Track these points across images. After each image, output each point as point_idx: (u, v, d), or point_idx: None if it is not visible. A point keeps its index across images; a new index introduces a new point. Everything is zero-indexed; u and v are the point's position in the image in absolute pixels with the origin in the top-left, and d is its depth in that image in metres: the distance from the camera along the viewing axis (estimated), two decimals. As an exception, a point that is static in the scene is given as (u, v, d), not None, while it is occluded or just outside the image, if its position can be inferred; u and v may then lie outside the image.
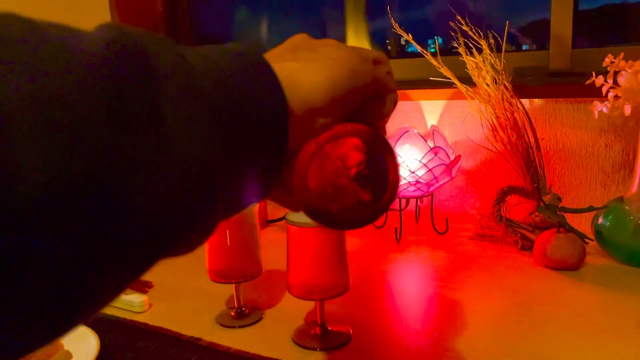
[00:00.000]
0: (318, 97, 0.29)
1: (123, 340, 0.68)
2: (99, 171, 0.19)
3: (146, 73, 0.21)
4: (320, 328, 0.67)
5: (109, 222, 0.20)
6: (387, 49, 1.51)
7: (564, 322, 0.69)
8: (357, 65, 0.32)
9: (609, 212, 0.85)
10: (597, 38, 1.18)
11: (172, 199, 0.22)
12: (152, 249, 0.23)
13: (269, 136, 0.27)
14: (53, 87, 0.19)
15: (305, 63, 0.30)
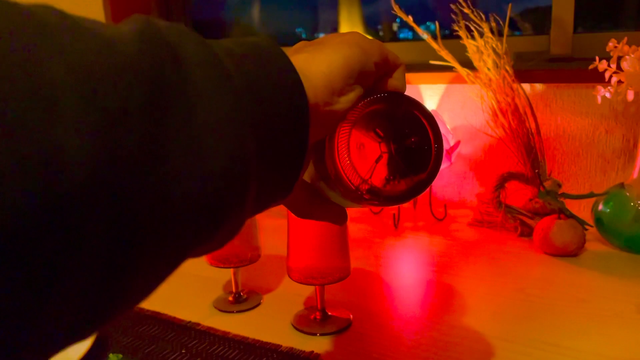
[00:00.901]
0: (335, 75, 0.30)
1: (120, 325, 0.67)
2: (139, 156, 0.19)
3: (176, 62, 0.22)
4: (320, 313, 0.66)
5: (146, 207, 0.20)
6: (379, 35, 1.49)
7: (564, 308, 0.69)
8: (363, 43, 0.33)
9: (610, 198, 0.85)
10: (597, 23, 1.17)
11: (204, 186, 0.22)
12: (185, 240, 0.23)
13: (291, 125, 0.27)
14: (95, 72, 0.19)
15: (314, 53, 0.31)
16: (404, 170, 0.34)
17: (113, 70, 0.19)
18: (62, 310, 0.19)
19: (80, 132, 0.18)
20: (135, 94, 0.20)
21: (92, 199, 0.18)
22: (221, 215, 0.24)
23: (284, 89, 0.27)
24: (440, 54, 1.00)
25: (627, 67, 0.79)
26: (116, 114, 0.19)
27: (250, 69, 0.26)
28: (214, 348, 0.61)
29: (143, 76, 0.20)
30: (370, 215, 1.08)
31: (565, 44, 1.09)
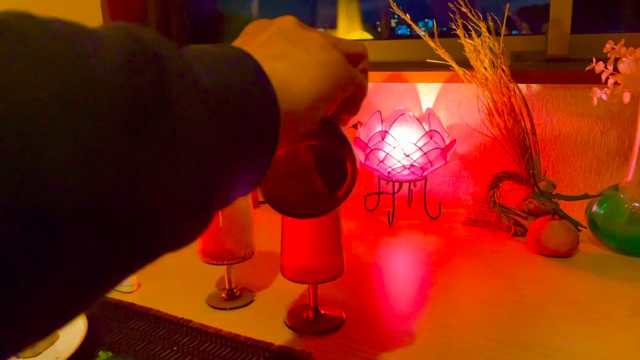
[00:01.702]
0: (301, 108, 0.30)
1: (111, 321, 0.67)
2: (121, 179, 0.20)
3: (159, 82, 0.22)
4: (313, 312, 0.66)
5: (127, 225, 0.21)
6: (377, 30, 1.49)
7: (557, 309, 0.69)
8: (341, 73, 0.33)
9: (604, 200, 0.85)
10: (595, 24, 1.17)
11: (182, 199, 0.23)
12: (159, 246, 0.25)
13: (263, 139, 0.28)
14: (76, 94, 0.19)
15: (294, 66, 0.31)
16: (320, 194, 0.41)
17: (94, 93, 0.19)
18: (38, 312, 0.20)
19: (63, 156, 0.18)
20: (115, 115, 0.20)
21: (74, 220, 0.19)
22: (193, 220, 0.25)
23: (259, 105, 0.27)
24: (438, 53, 0.99)
25: (624, 69, 0.79)
26: (97, 138, 0.19)
27: (227, 83, 0.26)
28: (206, 346, 0.61)
29: (123, 96, 0.20)
30: (364, 213, 1.08)
31: (563, 44, 1.08)
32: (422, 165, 0.97)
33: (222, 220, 0.68)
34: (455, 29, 0.97)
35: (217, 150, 0.25)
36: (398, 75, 1.13)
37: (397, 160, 0.96)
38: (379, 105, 1.17)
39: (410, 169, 0.97)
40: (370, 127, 1.02)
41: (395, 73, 1.14)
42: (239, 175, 0.28)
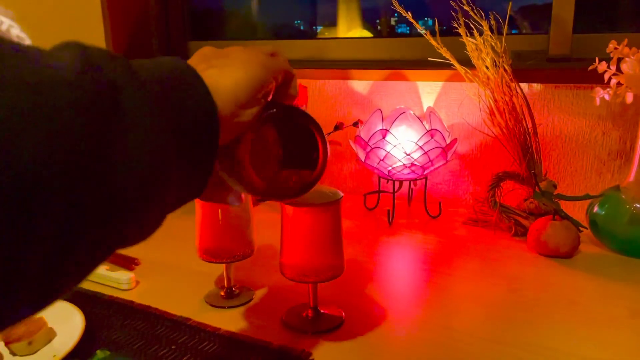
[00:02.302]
0: (241, 92, 0.35)
1: (109, 319, 0.66)
2: (85, 160, 0.24)
3: (111, 91, 0.27)
4: (312, 311, 0.66)
5: (91, 199, 0.25)
6: (378, 29, 1.48)
7: (557, 310, 0.68)
8: (264, 60, 0.38)
9: (605, 200, 0.85)
10: (598, 23, 1.17)
11: (134, 179, 0.27)
12: (121, 221, 0.28)
13: (204, 135, 0.33)
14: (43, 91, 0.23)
15: (222, 68, 0.36)
16: (296, 172, 0.41)
17: (61, 100, 0.24)
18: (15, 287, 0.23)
19: (38, 149, 0.22)
20: (77, 120, 0.24)
21: (47, 190, 0.22)
22: (149, 200, 0.29)
23: (199, 108, 0.32)
24: (440, 51, 0.99)
25: (626, 69, 0.79)
26: (65, 136, 0.23)
27: (172, 92, 0.31)
28: (204, 344, 0.60)
29: (84, 105, 0.25)
30: (364, 211, 1.08)
31: (565, 43, 1.08)
32: (423, 164, 0.97)
33: (221, 217, 0.67)
34: (457, 28, 0.97)
35: (165, 143, 0.29)
36: (399, 74, 1.13)
37: (397, 159, 0.96)
38: (380, 103, 1.16)
39: (410, 167, 0.97)
40: (371, 126, 1.01)
41: (396, 71, 1.13)
42: (187, 167, 0.32)
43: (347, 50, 1.32)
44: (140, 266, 0.84)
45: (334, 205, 0.60)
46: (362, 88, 1.18)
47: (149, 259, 0.85)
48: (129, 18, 1.45)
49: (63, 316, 0.63)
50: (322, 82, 1.22)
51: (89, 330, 0.62)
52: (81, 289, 0.75)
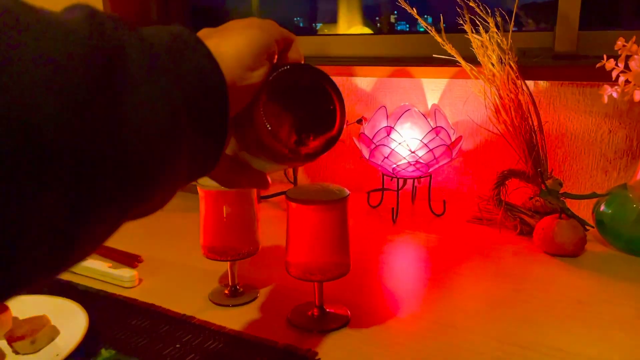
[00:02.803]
0: (244, 55, 0.35)
1: (112, 317, 0.66)
2: (97, 118, 0.24)
3: (122, 54, 0.27)
4: (318, 309, 0.65)
5: (103, 160, 0.25)
6: (377, 26, 1.48)
7: (564, 310, 0.68)
8: (262, 24, 0.38)
9: (612, 199, 0.84)
10: (604, 20, 1.16)
11: (148, 143, 0.27)
12: (133, 186, 0.27)
13: (213, 98, 0.32)
14: (59, 64, 0.23)
15: (222, 38, 0.36)
16: (316, 129, 0.40)
17: (73, 61, 0.24)
18: (33, 246, 0.23)
19: (50, 104, 0.22)
20: (87, 79, 0.24)
21: (60, 149, 0.22)
22: (161, 167, 0.29)
23: (204, 71, 0.31)
24: (445, 48, 0.98)
25: (635, 66, 0.78)
26: (78, 93, 0.23)
27: (177, 56, 0.30)
28: (209, 343, 0.60)
29: (93, 65, 0.25)
30: (367, 209, 1.07)
31: (570, 41, 1.07)
32: (428, 162, 0.96)
33: (226, 215, 0.67)
34: (462, 24, 0.96)
35: (176, 110, 0.29)
36: (403, 71, 1.12)
37: (402, 157, 0.95)
38: (384, 100, 1.15)
39: (415, 165, 0.96)
40: (375, 123, 1.00)
41: (400, 68, 1.12)
42: (198, 135, 0.32)
43: (350, 46, 1.32)
44: (143, 263, 0.83)
45: (340, 203, 0.60)
46: (366, 85, 1.18)
47: (152, 257, 0.84)
48: (129, 16, 1.45)
49: (66, 314, 0.63)
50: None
51: (92, 329, 0.61)
52: (84, 287, 0.74)
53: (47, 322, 0.60)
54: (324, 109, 0.41)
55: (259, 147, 0.39)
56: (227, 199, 0.67)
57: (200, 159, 0.33)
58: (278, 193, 1.12)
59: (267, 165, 0.43)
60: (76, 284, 0.75)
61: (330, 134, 0.41)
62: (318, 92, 0.41)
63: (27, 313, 0.62)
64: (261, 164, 0.42)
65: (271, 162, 0.41)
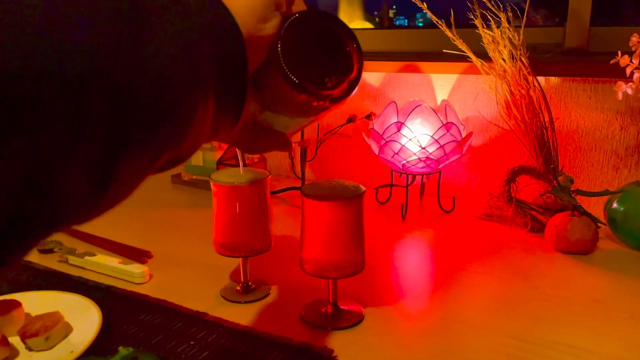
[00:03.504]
0: (257, 6, 0.36)
1: (124, 313, 0.65)
2: (127, 52, 0.25)
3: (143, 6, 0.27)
4: (332, 307, 0.65)
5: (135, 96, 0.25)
6: (376, 20, 1.47)
7: (579, 307, 0.67)
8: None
9: (624, 196, 0.83)
10: (614, 16, 1.15)
11: (178, 84, 0.28)
12: (165, 127, 0.28)
13: (232, 51, 0.33)
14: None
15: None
16: (337, 72, 0.40)
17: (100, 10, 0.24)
18: (73, 179, 0.24)
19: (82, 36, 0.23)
20: (115, 15, 0.25)
21: (93, 83, 0.23)
22: (187, 109, 0.29)
23: (221, 21, 0.32)
24: (455, 43, 0.97)
25: (650, 63, 0.77)
26: (108, 25, 0.24)
27: (198, 10, 0.31)
28: (223, 341, 0.59)
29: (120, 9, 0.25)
30: (375, 205, 1.06)
31: (581, 36, 1.06)
32: (438, 158, 0.95)
33: (239, 210, 0.66)
34: (473, 19, 0.95)
35: (202, 58, 0.30)
36: (412, 66, 1.11)
37: (412, 153, 0.95)
38: (392, 95, 1.15)
39: (425, 161, 0.95)
40: (385, 118, 1.00)
41: (409, 63, 1.11)
42: (225, 85, 0.32)
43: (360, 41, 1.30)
44: (152, 259, 0.82)
45: (356, 200, 0.59)
46: (374, 80, 1.17)
47: (162, 252, 0.84)
48: None
49: (78, 310, 0.62)
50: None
51: (106, 325, 0.61)
52: (94, 282, 0.74)
53: (61, 319, 0.59)
54: (340, 51, 0.41)
55: (283, 102, 0.40)
56: (240, 194, 0.66)
57: (224, 111, 0.34)
58: (286, 188, 1.11)
59: (290, 122, 0.43)
60: (86, 279, 0.75)
61: (351, 76, 0.41)
62: (331, 36, 0.41)
63: (39, 309, 0.62)
64: (283, 122, 0.43)
65: (295, 116, 0.42)
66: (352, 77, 0.41)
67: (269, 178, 0.68)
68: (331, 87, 0.39)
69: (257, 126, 0.43)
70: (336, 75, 0.40)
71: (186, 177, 1.22)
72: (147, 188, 1.34)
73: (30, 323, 0.58)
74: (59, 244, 0.86)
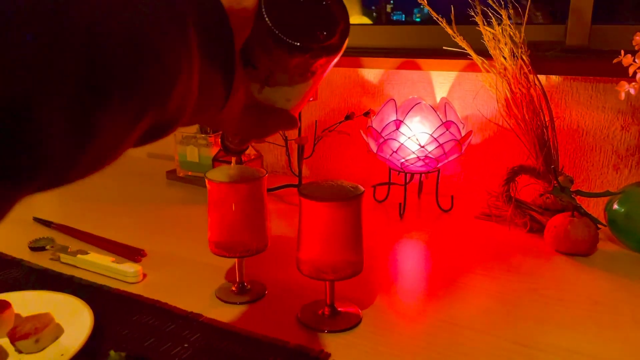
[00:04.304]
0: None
1: (117, 314, 0.64)
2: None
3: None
4: (329, 309, 0.63)
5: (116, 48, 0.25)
6: (374, 15, 1.46)
7: (579, 310, 0.66)
8: None
9: (625, 197, 0.82)
10: (617, 14, 1.14)
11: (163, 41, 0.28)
12: (147, 85, 0.27)
13: (216, 22, 0.33)
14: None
15: None
16: (325, 26, 0.40)
17: None
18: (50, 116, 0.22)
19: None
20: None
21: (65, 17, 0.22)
22: (174, 64, 0.29)
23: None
24: (455, 40, 0.96)
25: (653, 62, 0.76)
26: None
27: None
28: (218, 343, 0.58)
29: None
30: (373, 204, 1.05)
31: (582, 34, 1.05)
32: (437, 157, 0.94)
33: (235, 209, 0.65)
34: (474, 16, 0.93)
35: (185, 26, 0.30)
36: (411, 63, 1.10)
37: (411, 151, 0.93)
38: (391, 93, 1.13)
39: (424, 160, 0.94)
40: (384, 116, 0.98)
41: (408, 60, 1.10)
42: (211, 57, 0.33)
43: (356, 37, 1.29)
44: (146, 258, 0.81)
45: (355, 200, 0.58)
46: (373, 77, 1.15)
47: (156, 250, 0.82)
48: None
49: (70, 311, 0.61)
50: (330, 70, 1.18)
51: (97, 327, 0.59)
52: (86, 281, 0.72)
53: (52, 320, 0.58)
54: (323, 7, 0.41)
55: (279, 70, 0.39)
56: (235, 193, 0.65)
57: (211, 81, 0.33)
58: (283, 186, 1.10)
59: (291, 92, 0.43)
60: (79, 278, 0.73)
61: (340, 27, 0.41)
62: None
63: (29, 310, 0.60)
64: (284, 95, 0.43)
65: (294, 82, 0.41)
66: (341, 28, 0.40)
67: (266, 177, 0.66)
68: (323, 39, 0.39)
69: (260, 108, 0.43)
70: (325, 29, 0.40)
71: (181, 174, 1.20)
72: (141, 184, 1.33)
73: (20, 324, 0.57)
74: (51, 241, 0.85)
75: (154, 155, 1.50)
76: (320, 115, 1.23)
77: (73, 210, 1.03)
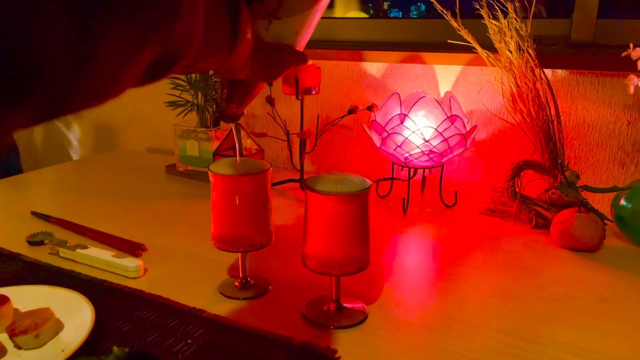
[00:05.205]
0: None
1: (118, 309, 0.63)
2: None
3: None
4: (334, 304, 0.62)
5: None
6: (370, 12, 1.44)
7: (587, 307, 0.65)
8: None
9: (632, 193, 0.81)
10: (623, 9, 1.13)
11: None
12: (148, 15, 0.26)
13: None
14: None
15: None
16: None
17: None
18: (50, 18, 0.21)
19: None
20: None
21: None
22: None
23: None
24: (460, 34, 0.94)
25: (663, 56, 0.75)
26: None
27: None
28: (222, 339, 0.57)
29: None
30: (376, 199, 1.04)
31: (588, 29, 1.04)
32: (442, 152, 0.93)
33: (239, 203, 0.63)
34: (479, 9, 0.92)
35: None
36: (415, 56, 1.09)
37: (415, 146, 0.92)
38: (394, 87, 1.12)
39: (429, 155, 0.93)
40: (388, 110, 0.97)
41: (411, 54, 1.09)
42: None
43: (359, 30, 1.27)
44: (147, 252, 0.80)
45: (363, 194, 0.57)
46: (376, 71, 1.14)
47: (157, 245, 0.81)
48: None
49: (70, 307, 0.59)
50: (333, 64, 1.17)
51: (99, 322, 0.58)
52: (86, 276, 0.71)
53: (52, 315, 0.56)
54: None
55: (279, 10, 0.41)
56: (240, 186, 0.63)
57: (217, 17, 0.33)
58: (285, 180, 1.09)
59: (299, 21, 0.43)
60: (78, 273, 0.72)
61: None
62: None
63: (29, 305, 0.59)
64: (293, 26, 0.43)
65: (304, 8, 0.42)
66: None
67: (270, 169, 0.65)
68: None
69: (268, 50, 0.44)
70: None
71: (181, 168, 1.19)
72: (141, 179, 1.31)
73: (19, 320, 0.55)
74: (50, 235, 0.83)
75: (154, 149, 1.49)
76: (322, 109, 1.21)
77: (71, 205, 1.02)
